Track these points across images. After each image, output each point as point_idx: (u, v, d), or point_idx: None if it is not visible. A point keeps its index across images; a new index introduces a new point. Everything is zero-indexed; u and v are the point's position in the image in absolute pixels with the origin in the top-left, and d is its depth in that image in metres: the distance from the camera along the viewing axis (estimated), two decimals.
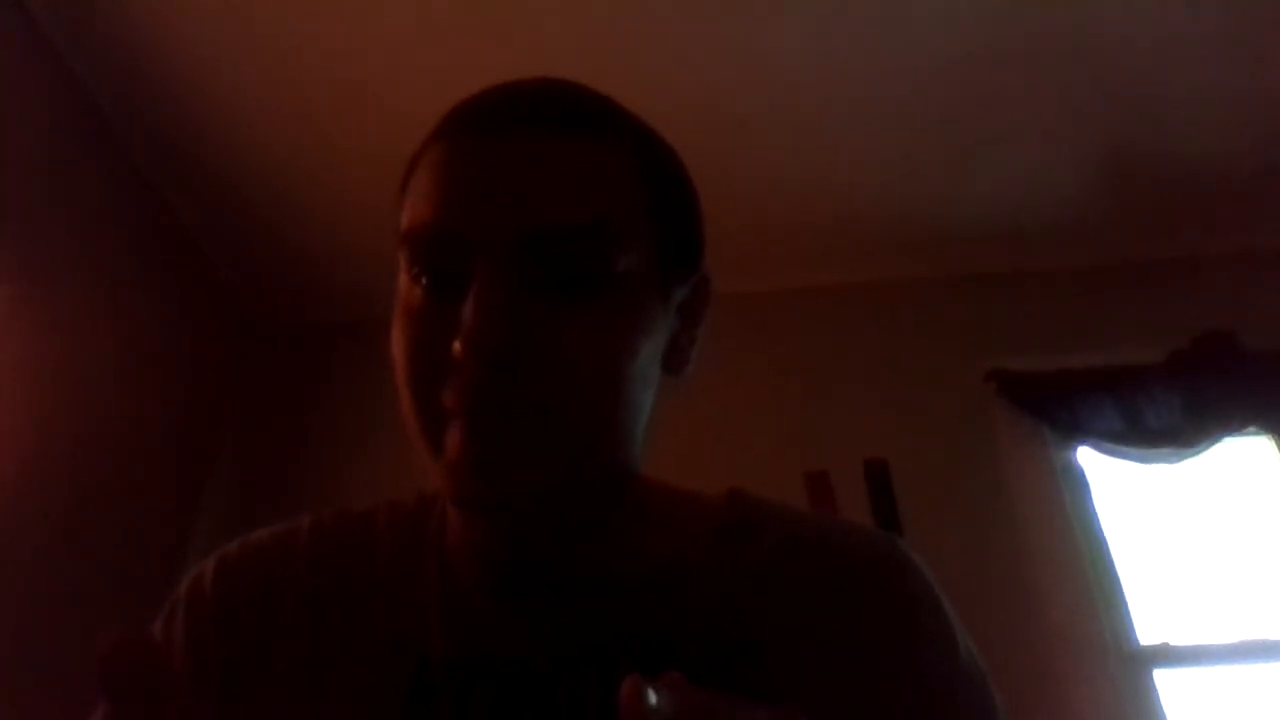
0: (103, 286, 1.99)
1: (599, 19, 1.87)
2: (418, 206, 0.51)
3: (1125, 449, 2.17)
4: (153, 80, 1.97)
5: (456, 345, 0.46)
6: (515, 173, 0.49)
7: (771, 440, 2.19)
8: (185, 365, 2.30)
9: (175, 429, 2.24)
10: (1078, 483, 2.19)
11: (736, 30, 1.90)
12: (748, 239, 2.40)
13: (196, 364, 2.36)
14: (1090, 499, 2.17)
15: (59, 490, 1.80)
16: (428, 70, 1.87)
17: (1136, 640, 1.97)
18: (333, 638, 0.56)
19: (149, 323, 2.15)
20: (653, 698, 0.33)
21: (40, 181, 1.82)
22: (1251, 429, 2.16)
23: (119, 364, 2.02)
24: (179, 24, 1.85)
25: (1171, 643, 1.98)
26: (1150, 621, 2.00)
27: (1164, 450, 2.13)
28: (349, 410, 2.35)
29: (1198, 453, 2.12)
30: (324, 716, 0.53)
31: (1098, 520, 2.13)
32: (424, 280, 0.50)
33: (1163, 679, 1.92)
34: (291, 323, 2.65)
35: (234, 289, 2.53)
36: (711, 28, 1.90)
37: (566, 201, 0.49)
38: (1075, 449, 2.23)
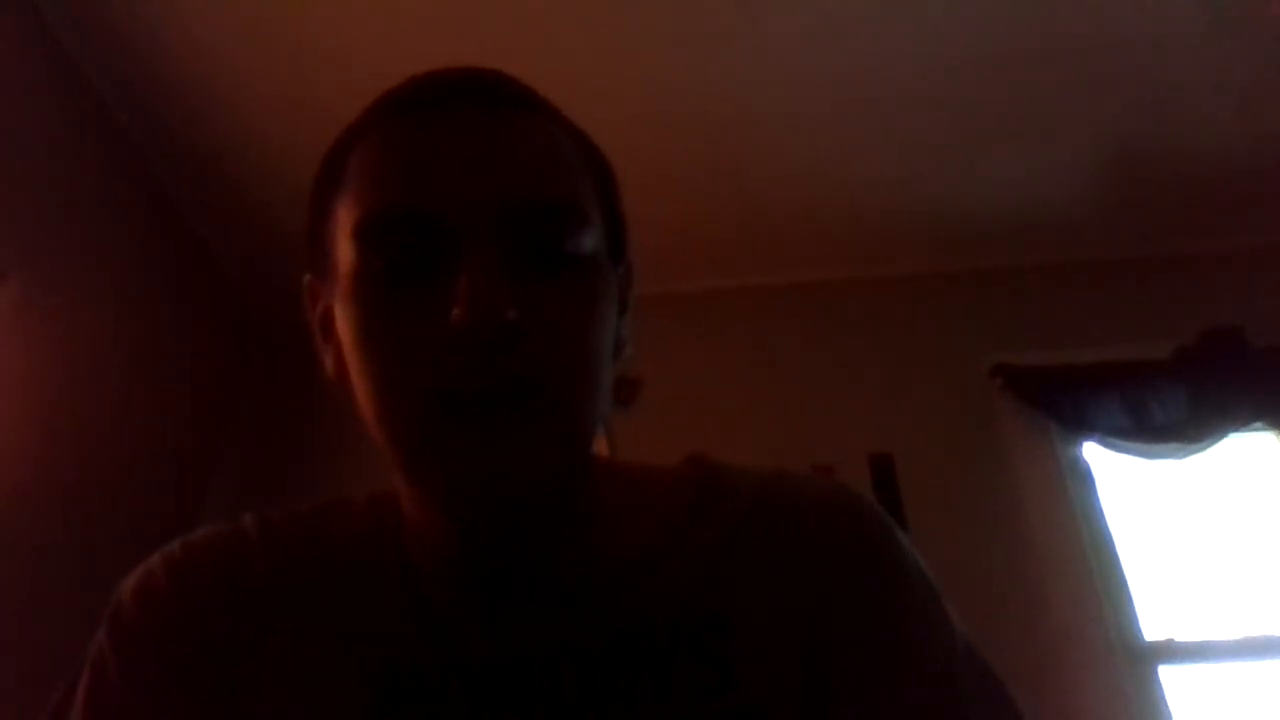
0: (107, 284, 1.99)
1: (607, 15, 1.87)
2: (376, 191, 0.48)
3: (1131, 444, 2.16)
4: (158, 77, 1.97)
5: (456, 312, 0.43)
6: (490, 146, 0.48)
7: (776, 435, 2.19)
8: (189, 363, 2.31)
9: (178, 426, 2.25)
10: (1083, 478, 2.19)
11: (745, 28, 1.90)
12: (754, 234, 2.41)
13: (200, 362, 2.36)
14: (1095, 494, 2.16)
15: (61, 487, 1.80)
16: (436, 65, 1.87)
17: (1141, 636, 1.97)
18: (300, 639, 0.54)
19: (153, 320, 2.16)
20: None
21: (45, 179, 1.82)
22: (1257, 425, 2.16)
23: (122, 362, 2.03)
24: (186, 20, 1.85)
25: (1176, 639, 1.98)
26: (1155, 617, 2.00)
27: (1170, 446, 2.13)
28: (350, 409, 2.35)
29: (1204, 448, 2.12)
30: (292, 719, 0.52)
31: (1103, 516, 2.13)
32: (384, 270, 0.47)
33: (1168, 675, 1.92)
34: (295, 321, 2.64)
35: (239, 287, 2.54)
36: (720, 25, 1.90)
37: (545, 178, 0.48)
38: (1081, 444, 2.23)
